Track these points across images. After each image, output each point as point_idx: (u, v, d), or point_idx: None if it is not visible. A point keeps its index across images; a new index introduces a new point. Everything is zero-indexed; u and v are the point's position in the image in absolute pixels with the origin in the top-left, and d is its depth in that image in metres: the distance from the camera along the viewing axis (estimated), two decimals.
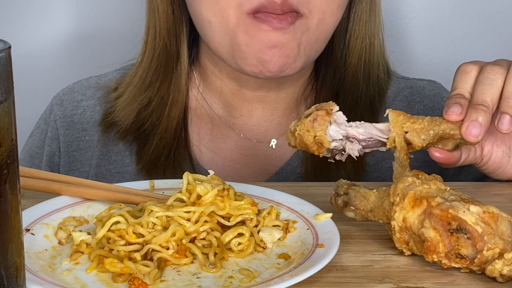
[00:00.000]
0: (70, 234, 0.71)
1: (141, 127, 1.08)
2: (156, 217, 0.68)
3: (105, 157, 1.10)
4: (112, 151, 1.10)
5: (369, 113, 1.07)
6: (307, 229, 0.71)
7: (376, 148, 0.76)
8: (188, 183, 0.72)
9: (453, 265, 0.64)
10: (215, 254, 0.66)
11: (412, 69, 1.37)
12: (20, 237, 0.52)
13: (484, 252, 0.63)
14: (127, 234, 0.67)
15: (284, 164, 1.08)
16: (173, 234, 0.67)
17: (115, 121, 1.09)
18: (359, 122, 0.76)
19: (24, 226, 0.69)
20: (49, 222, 0.72)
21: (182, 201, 0.71)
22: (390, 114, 0.75)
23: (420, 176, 0.68)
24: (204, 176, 0.74)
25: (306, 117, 0.74)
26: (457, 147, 0.78)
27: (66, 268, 0.65)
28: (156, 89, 1.08)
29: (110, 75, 1.16)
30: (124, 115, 1.08)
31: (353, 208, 0.73)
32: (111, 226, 0.68)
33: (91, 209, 0.76)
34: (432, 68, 1.40)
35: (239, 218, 0.71)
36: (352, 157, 0.76)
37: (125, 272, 0.63)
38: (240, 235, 0.69)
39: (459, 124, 0.76)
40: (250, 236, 0.69)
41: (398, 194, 0.67)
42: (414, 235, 0.66)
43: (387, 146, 0.75)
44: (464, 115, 0.76)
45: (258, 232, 0.71)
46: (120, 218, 0.68)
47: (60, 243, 0.70)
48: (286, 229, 0.72)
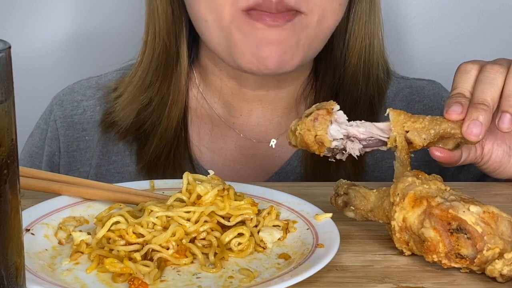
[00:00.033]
0: (70, 234, 0.71)
1: (141, 127, 1.08)
2: (156, 217, 0.68)
3: (105, 157, 1.10)
4: (112, 151, 1.10)
5: (369, 113, 1.07)
6: (307, 229, 0.71)
7: (377, 148, 0.76)
8: (188, 183, 0.72)
9: (453, 265, 0.64)
10: (215, 254, 0.66)
11: (412, 69, 1.37)
12: (20, 237, 0.52)
13: (484, 252, 0.63)
14: (127, 234, 0.67)
15: (284, 164, 1.08)
16: (173, 234, 0.67)
17: (115, 121, 1.09)
18: (360, 122, 0.76)
19: (24, 226, 0.69)
20: (49, 222, 0.72)
21: (182, 201, 0.71)
22: (391, 114, 0.75)
23: (420, 176, 0.68)
24: (204, 176, 0.74)
25: (307, 116, 0.74)
26: (458, 146, 0.78)
27: (66, 268, 0.65)
28: (156, 89, 1.08)
29: (110, 75, 1.16)
30: (124, 115, 1.08)
31: (353, 208, 0.73)
32: (111, 226, 0.68)
33: (91, 209, 0.76)
34: (432, 68, 1.40)
35: (239, 218, 0.71)
36: (352, 157, 0.76)
37: (125, 272, 0.63)
38: (240, 235, 0.69)
39: (460, 123, 0.76)
40: (250, 236, 0.69)
41: (398, 194, 0.67)
42: (414, 235, 0.66)
43: (388, 146, 0.75)
44: (465, 115, 0.76)
45: (258, 232, 0.71)
46: (120, 218, 0.68)
47: (60, 243, 0.70)
48: (286, 229, 0.72)
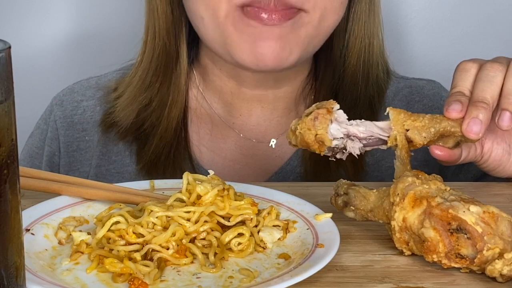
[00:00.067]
0: (70, 234, 0.71)
1: (141, 127, 1.08)
2: (156, 217, 0.68)
3: (105, 157, 1.10)
4: (112, 151, 1.10)
5: (369, 113, 1.07)
6: (307, 229, 0.71)
7: (377, 146, 0.76)
8: (188, 183, 0.72)
9: (453, 265, 0.64)
10: (215, 254, 0.66)
11: (412, 69, 1.37)
12: (20, 237, 0.52)
13: (484, 252, 0.63)
14: (127, 234, 0.67)
15: (284, 164, 1.08)
16: (173, 234, 0.67)
17: (115, 121, 1.09)
18: (360, 121, 0.75)
19: (24, 226, 0.69)
20: (49, 222, 0.72)
21: (182, 201, 0.71)
22: (391, 112, 0.75)
23: (420, 176, 0.68)
24: (204, 176, 0.74)
25: (307, 116, 0.74)
26: (458, 145, 0.78)
27: (66, 268, 0.65)
28: (156, 89, 1.08)
29: (110, 76, 1.16)
30: (124, 115, 1.08)
31: (353, 208, 0.73)
32: (111, 226, 0.68)
33: (91, 209, 0.76)
34: (432, 68, 1.40)
35: (239, 218, 0.71)
36: (352, 157, 0.76)
37: (125, 272, 0.63)
38: (240, 235, 0.69)
39: (460, 122, 0.76)
40: (250, 236, 0.69)
41: (398, 194, 0.67)
42: (414, 235, 0.66)
43: (388, 144, 0.75)
44: (465, 113, 0.76)
45: (258, 232, 0.71)
46: (120, 218, 0.68)
47: (60, 243, 0.70)
48: (286, 229, 0.72)
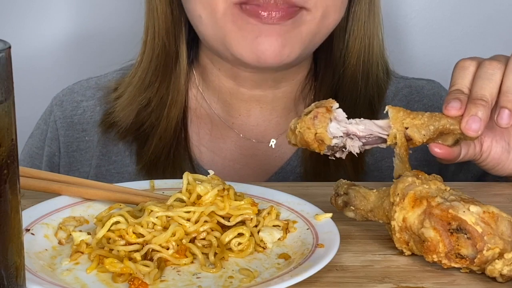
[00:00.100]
0: (70, 234, 0.71)
1: (141, 127, 1.08)
2: (156, 217, 0.68)
3: (105, 158, 1.10)
4: (112, 152, 1.10)
5: (368, 113, 1.07)
6: (307, 229, 0.71)
7: (377, 145, 0.76)
8: (188, 183, 0.72)
9: (453, 265, 0.64)
10: (215, 254, 0.66)
11: (412, 69, 1.37)
12: (20, 237, 0.52)
13: (484, 252, 0.63)
14: (127, 234, 0.67)
15: (284, 164, 1.08)
16: (173, 234, 0.67)
17: (115, 122, 1.09)
18: (359, 119, 0.75)
19: (24, 226, 0.69)
20: (49, 222, 0.72)
21: (182, 201, 0.71)
22: (390, 111, 0.75)
23: (420, 176, 0.68)
24: (204, 176, 0.74)
25: (306, 115, 0.74)
26: (457, 142, 0.78)
27: (66, 268, 0.65)
28: (155, 89, 1.08)
29: (110, 76, 1.16)
30: (124, 115, 1.08)
31: (353, 208, 0.73)
32: (111, 226, 0.68)
33: (91, 209, 0.76)
34: (432, 68, 1.40)
35: (239, 218, 0.71)
36: (352, 157, 0.76)
37: (125, 272, 0.63)
38: (240, 235, 0.69)
39: (459, 119, 0.76)
40: (250, 236, 0.69)
41: (398, 194, 0.67)
42: (414, 235, 0.66)
43: (388, 143, 0.75)
44: (464, 110, 0.76)
45: (258, 232, 0.71)
46: (120, 218, 0.68)
47: (60, 243, 0.70)
48: (286, 229, 0.72)
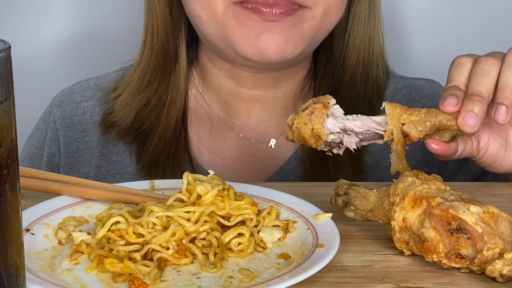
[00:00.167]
0: (70, 234, 0.71)
1: (141, 127, 1.08)
2: (156, 217, 0.68)
3: (105, 158, 1.10)
4: (112, 152, 1.10)
5: (368, 113, 1.06)
6: (307, 229, 0.71)
7: (374, 141, 0.76)
8: (188, 183, 0.72)
9: (453, 265, 0.64)
10: (215, 254, 0.66)
11: (412, 69, 1.37)
12: (20, 237, 0.52)
13: (484, 252, 0.63)
14: (127, 234, 0.67)
15: (284, 164, 1.08)
16: (173, 234, 0.67)
17: (115, 121, 1.09)
18: (356, 115, 0.76)
19: (24, 226, 0.69)
20: (49, 222, 0.72)
21: (182, 201, 0.71)
22: (387, 107, 0.75)
23: (420, 176, 0.68)
24: (204, 176, 0.74)
25: (304, 111, 0.74)
26: (454, 139, 0.78)
27: (66, 268, 0.65)
28: (155, 89, 1.08)
29: (110, 76, 1.16)
30: (124, 115, 1.08)
31: (353, 208, 0.73)
32: (111, 226, 0.68)
33: (91, 209, 0.76)
34: (432, 68, 1.40)
35: (239, 218, 0.71)
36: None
37: (125, 272, 0.63)
38: (240, 235, 0.69)
39: (456, 115, 0.76)
40: (250, 236, 0.69)
41: (398, 194, 0.67)
42: (414, 235, 0.66)
43: (385, 139, 0.75)
44: (460, 106, 0.76)
45: (258, 232, 0.71)
46: (120, 218, 0.68)
47: (60, 243, 0.70)
48: (286, 229, 0.72)
